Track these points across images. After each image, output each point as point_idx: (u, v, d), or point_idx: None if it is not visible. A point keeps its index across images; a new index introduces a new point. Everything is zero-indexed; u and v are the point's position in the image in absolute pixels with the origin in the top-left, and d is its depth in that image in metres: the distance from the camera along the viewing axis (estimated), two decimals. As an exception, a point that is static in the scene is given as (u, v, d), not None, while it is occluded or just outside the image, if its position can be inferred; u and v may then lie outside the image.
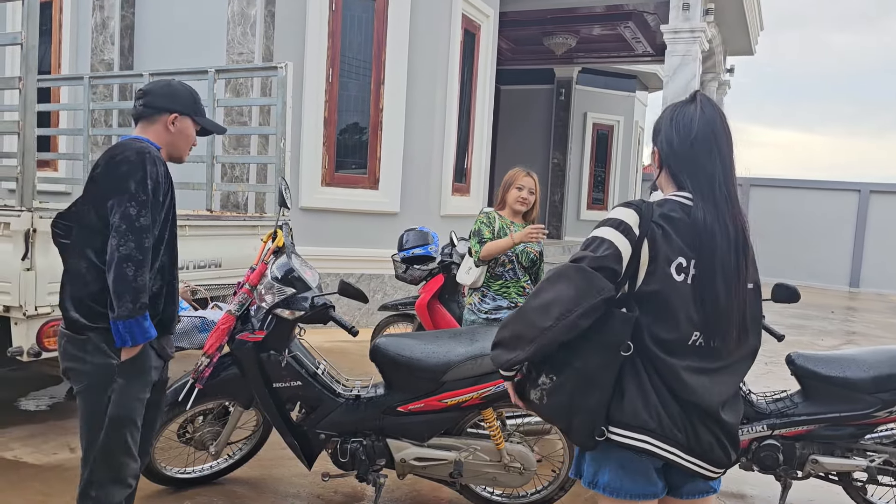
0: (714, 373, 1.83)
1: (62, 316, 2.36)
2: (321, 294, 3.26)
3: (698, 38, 9.72)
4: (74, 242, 2.37)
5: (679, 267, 1.77)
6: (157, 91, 2.51)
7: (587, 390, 1.80)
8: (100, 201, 2.30)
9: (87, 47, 8.34)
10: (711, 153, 1.84)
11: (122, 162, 2.29)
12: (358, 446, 3.25)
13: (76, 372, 2.35)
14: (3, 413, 4.66)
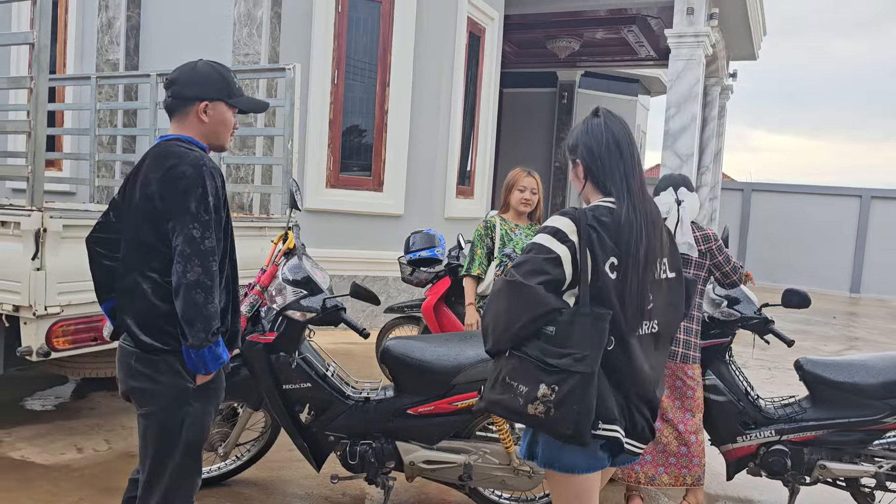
0: (652, 358, 2.06)
1: (127, 334, 2.22)
2: (333, 296, 3.26)
3: (702, 42, 9.75)
4: (129, 262, 2.22)
5: (612, 266, 1.97)
6: (182, 78, 2.28)
7: (589, 392, 1.91)
8: (158, 220, 2.15)
9: (92, 47, 8.35)
10: (622, 156, 2.11)
11: (178, 179, 2.12)
12: (367, 448, 3.26)
13: (146, 392, 2.21)
14: (10, 413, 4.65)
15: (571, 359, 1.90)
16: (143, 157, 2.25)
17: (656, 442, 3.44)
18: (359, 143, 8.00)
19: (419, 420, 3.23)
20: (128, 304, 2.21)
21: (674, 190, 3.48)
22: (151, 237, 2.17)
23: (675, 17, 9.83)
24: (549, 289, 1.96)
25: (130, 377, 2.22)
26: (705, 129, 12.96)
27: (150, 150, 2.25)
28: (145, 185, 2.17)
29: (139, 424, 2.26)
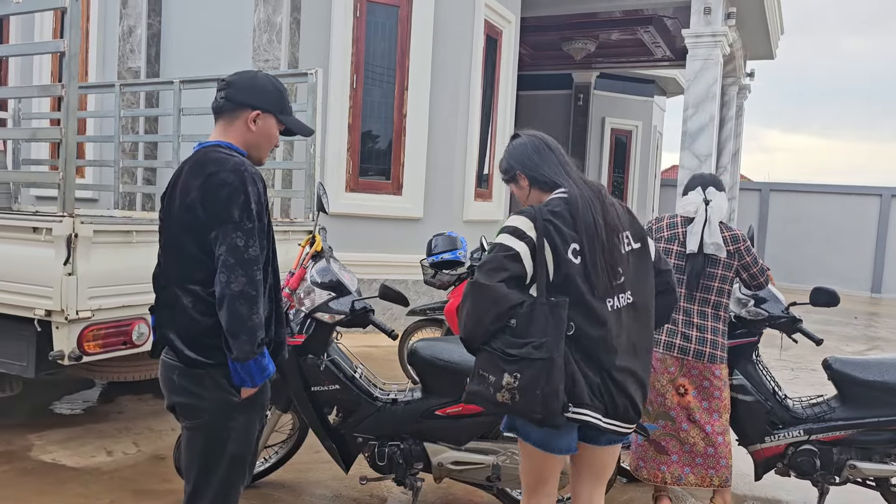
0: (633, 331, 2.18)
1: (170, 348, 2.17)
2: (361, 298, 3.29)
3: (720, 42, 9.71)
4: (169, 275, 2.17)
5: (574, 251, 2.11)
6: (240, 83, 2.25)
7: (553, 376, 2.03)
8: (201, 230, 2.08)
9: (113, 55, 8.45)
10: (552, 151, 2.32)
11: (220, 186, 2.06)
12: (395, 450, 3.28)
13: (191, 408, 2.18)
14: (40, 416, 4.72)
15: (531, 347, 2.04)
16: (182, 164, 2.21)
17: (683, 442, 3.43)
18: (378, 148, 8.04)
19: (447, 421, 3.25)
20: (168, 318, 2.17)
21: (702, 189, 3.47)
22: (193, 248, 2.11)
23: (692, 16, 9.80)
24: (511, 285, 2.09)
25: (174, 392, 2.19)
26: (723, 130, 12.89)
27: (190, 157, 2.22)
28: (185, 194, 2.12)
29: (184, 437, 2.25)
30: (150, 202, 7.97)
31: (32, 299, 3.59)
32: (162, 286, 2.20)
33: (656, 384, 3.43)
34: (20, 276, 3.65)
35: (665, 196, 17.41)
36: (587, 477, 2.38)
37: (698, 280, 3.37)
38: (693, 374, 3.39)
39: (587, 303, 2.10)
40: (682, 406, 3.42)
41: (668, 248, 3.43)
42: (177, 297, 2.14)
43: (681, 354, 3.37)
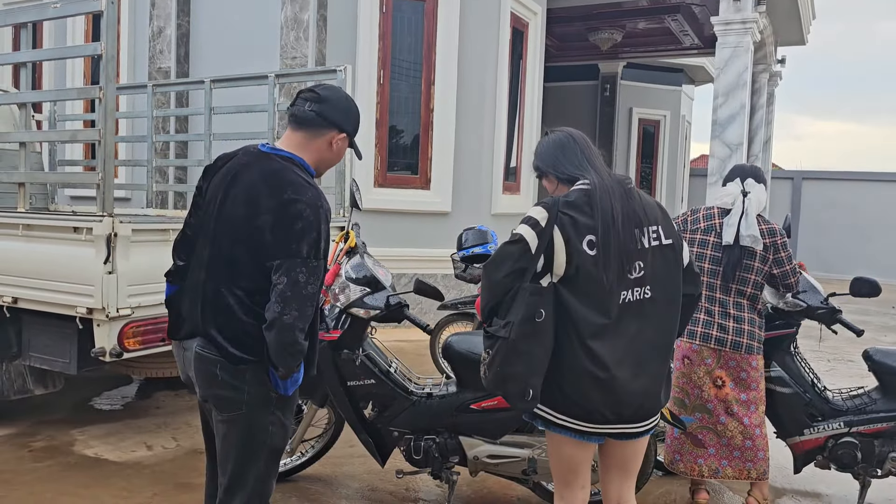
0: (650, 323, 2.19)
1: (209, 343, 2.19)
2: (396, 293, 3.30)
3: (750, 29, 9.54)
4: (215, 273, 2.19)
5: (590, 243, 2.11)
6: (335, 102, 2.26)
7: (508, 358, 2.10)
8: (262, 252, 2.10)
9: (144, 56, 8.56)
10: (577, 144, 2.31)
11: (297, 218, 2.06)
12: (431, 444, 3.29)
13: (231, 400, 2.20)
14: (82, 412, 4.82)
15: (500, 325, 2.13)
16: (241, 163, 2.22)
17: (720, 435, 3.40)
18: (405, 143, 8.06)
19: (482, 415, 3.26)
20: (210, 314, 2.19)
21: (741, 180, 3.41)
22: (249, 262, 2.13)
23: (721, 3, 9.63)
24: (515, 275, 2.12)
25: (215, 386, 2.21)
26: (754, 118, 12.69)
27: (255, 160, 2.21)
28: (252, 206, 2.12)
29: (219, 430, 2.27)
30: (181, 200, 8.07)
31: (74, 297, 3.67)
32: (203, 280, 2.21)
33: (693, 376, 3.40)
34: (62, 275, 3.73)
35: (694, 186, 17.19)
36: (614, 471, 2.38)
37: (734, 272, 3.32)
38: (730, 366, 3.35)
39: (598, 294, 2.10)
40: (720, 398, 3.37)
41: (705, 239, 3.38)
42: (222, 295, 2.16)
43: (717, 346, 3.32)
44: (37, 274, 3.84)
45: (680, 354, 3.41)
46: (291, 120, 2.26)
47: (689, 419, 3.42)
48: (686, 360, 3.41)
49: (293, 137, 2.25)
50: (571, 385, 2.13)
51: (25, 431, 4.36)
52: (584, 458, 2.29)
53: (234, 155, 2.28)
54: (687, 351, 3.40)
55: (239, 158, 2.24)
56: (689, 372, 3.41)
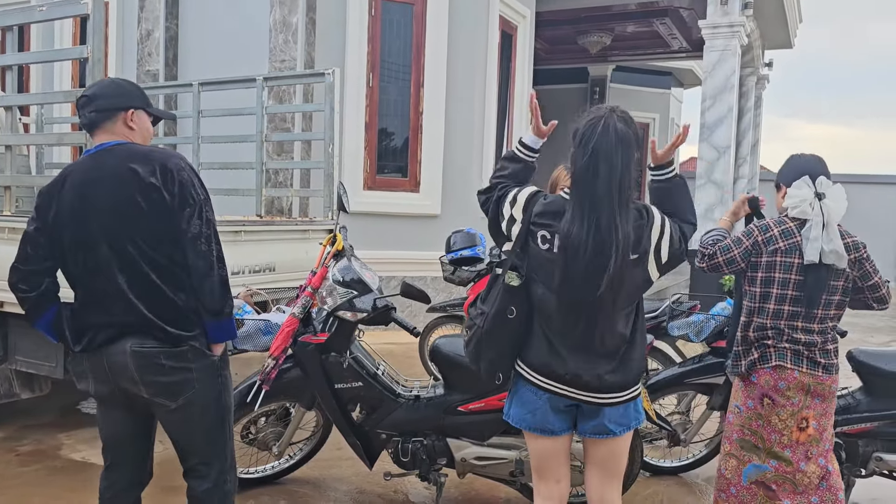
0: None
1: (147, 335, 2.28)
2: (382, 296, 3.31)
3: (737, 32, 9.62)
4: (127, 270, 2.27)
5: (543, 238, 2.24)
6: (104, 93, 2.40)
7: (482, 342, 2.33)
8: (168, 216, 2.26)
9: (132, 58, 8.53)
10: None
11: (177, 170, 2.27)
12: (419, 446, 3.30)
13: (182, 383, 2.31)
14: (69, 416, 4.81)
15: (478, 312, 2.36)
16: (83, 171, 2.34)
17: (798, 484, 2.82)
18: (394, 145, 8.07)
19: (470, 417, 3.27)
20: (145, 308, 2.29)
21: (811, 180, 2.76)
22: (160, 236, 2.38)
23: (709, 7, 9.71)
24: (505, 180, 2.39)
25: (161, 375, 2.29)
26: (741, 121, 12.77)
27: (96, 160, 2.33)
28: (130, 189, 2.33)
29: (173, 419, 2.38)
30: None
31: (60, 301, 3.65)
32: (116, 280, 2.34)
33: (773, 419, 2.79)
34: (48, 278, 3.71)
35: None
36: (595, 471, 2.42)
37: (819, 297, 2.72)
38: (816, 403, 2.78)
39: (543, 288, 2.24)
40: (801, 442, 2.79)
41: (789, 262, 2.73)
42: (144, 283, 2.33)
43: (810, 369, 2.75)
44: (23, 277, 3.82)
45: (758, 393, 2.80)
46: (86, 130, 2.40)
47: (762, 466, 2.85)
48: (766, 401, 2.79)
49: (101, 137, 2.36)
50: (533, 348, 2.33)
51: (12, 436, 4.34)
52: (556, 451, 2.37)
53: (65, 175, 2.33)
54: (769, 390, 2.78)
55: (78, 169, 2.33)
56: (769, 414, 2.79)
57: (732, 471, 2.89)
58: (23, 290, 2.36)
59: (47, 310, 2.37)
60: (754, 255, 2.79)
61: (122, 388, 2.34)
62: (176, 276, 2.29)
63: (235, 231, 4.30)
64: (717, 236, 2.94)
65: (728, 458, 2.93)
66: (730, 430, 2.93)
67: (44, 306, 2.37)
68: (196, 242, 2.27)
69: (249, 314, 3.45)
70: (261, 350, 3.43)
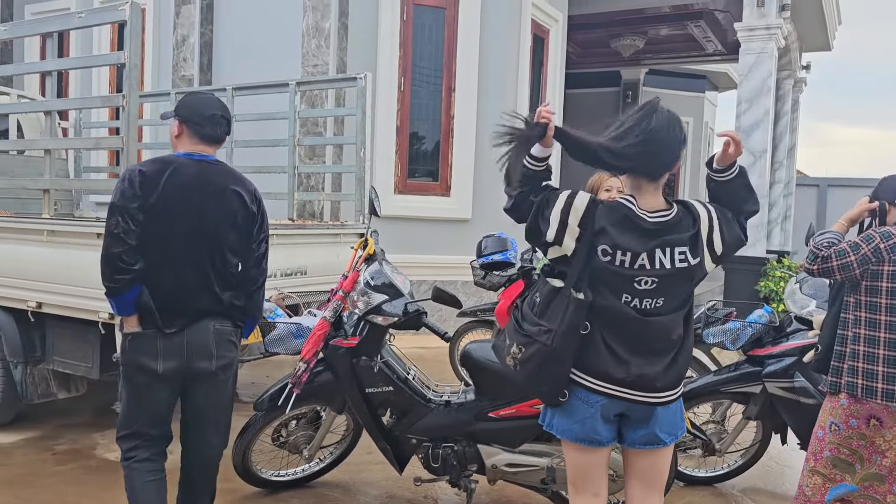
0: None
1: (225, 318, 2.74)
2: (414, 300, 3.30)
3: (774, 34, 9.47)
4: (213, 262, 2.69)
5: (604, 251, 2.16)
6: (230, 121, 2.83)
7: (548, 361, 2.16)
8: (249, 235, 2.79)
9: (168, 64, 8.66)
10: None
11: (260, 201, 2.84)
12: (449, 451, 3.28)
13: (235, 359, 2.82)
14: (104, 416, 4.87)
15: (539, 329, 2.17)
16: (191, 172, 2.68)
17: None
18: (426, 149, 8.08)
19: (501, 423, 3.24)
20: (225, 293, 2.75)
21: None
22: (239, 245, 2.80)
23: (745, 9, 9.58)
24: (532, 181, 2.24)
25: (230, 351, 2.76)
26: (778, 124, 12.55)
27: (200, 167, 2.71)
28: (231, 201, 2.79)
29: (216, 391, 2.78)
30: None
31: (97, 303, 3.70)
32: (202, 269, 2.73)
33: (878, 440, 2.65)
34: (86, 280, 3.77)
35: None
36: (637, 484, 2.36)
37: None
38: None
39: (609, 299, 2.16)
40: None
41: None
42: (225, 276, 2.76)
43: None
44: (61, 279, 3.90)
45: (865, 414, 2.65)
46: (209, 141, 2.73)
47: (852, 487, 2.72)
48: (873, 422, 2.64)
49: (207, 149, 2.74)
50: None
51: (49, 434, 4.41)
52: (598, 463, 2.29)
53: (169, 166, 2.61)
54: (877, 411, 2.63)
55: (184, 168, 2.63)
56: (874, 435, 2.65)
57: (815, 489, 2.76)
58: (126, 261, 2.53)
59: (137, 286, 2.58)
60: (874, 264, 2.62)
61: (192, 365, 2.67)
62: (240, 279, 2.78)
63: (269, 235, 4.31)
64: (833, 239, 2.80)
65: (812, 475, 2.78)
66: (819, 447, 2.76)
67: (136, 282, 2.57)
68: (260, 260, 2.84)
69: (281, 317, 3.47)
70: (292, 353, 3.44)
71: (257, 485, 3.66)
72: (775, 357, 3.59)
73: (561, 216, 2.16)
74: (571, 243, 2.16)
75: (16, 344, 4.15)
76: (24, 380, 4.17)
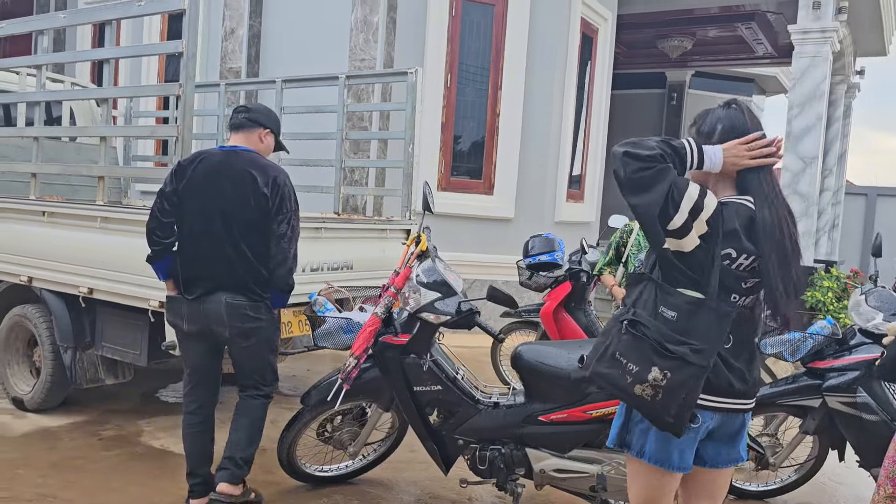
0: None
1: (238, 293, 3.11)
2: (467, 299, 3.25)
3: (829, 38, 9.21)
4: (231, 242, 3.11)
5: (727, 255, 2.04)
6: (257, 109, 3.34)
7: (699, 385, 1.94)
8: (268, 216, 3.12)
9: (216, 55, 8.72)
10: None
11: (282, 185, 3.14)
12: (496, 454, 3.22)
13: (256, 328, 3.17)
14: (149, 403, 4.92)
15: (689, 348, 1.92)
16: (217, 160, 3.19)
17: None
18: (470, 147, 8.02)
19: (551, 427, 3.17)
20: (241, 271, 3.15)
21: None
22: (258, 227, 3.18)
23: (800, 11, 9.32)
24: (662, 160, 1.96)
25: (246, 322, 3.13)
26: (829, 131, 12.22)
27: (227, 156, 3.19)
28: (251, 186, 3.18)
29: (244, 352, 3.22)
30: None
31: (147, 291, 3.72)
32: (222, 248, 3.14)
33: None
34: (136, 268, 3.77)
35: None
36: (701, 501, 2.25)
37: None
38: None
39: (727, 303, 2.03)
40: None
41: None
42: (244, 255, 3.17)
43: None
44: (112, 266, 3.92)
45: None
46: (231, 128, 3.26)
47: None
48: None
49: (236, 138, 3.26)
50: None
51: (96, 420, 4.46)
52: (669, 487, 2.16)
53: (200, 156, 3.16)
54: None
55: (211, 157, 3.15)
56: None
57: None
58: (159, 235, 3.15)
59: (169, 255, 3.18)
60: None
61: (211, 328, 3.14)
62: (262, 255, 3.14)
63: (316, 228, 4.30)
64: None
65: (889, 500, 2.55)
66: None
67: (168, 252, 3.18)
68: (280, 240, 3.15)
69: (331, 311, 3.44)
70: (340, 348, 3.42)
71: (300, 479, 3.65)
72: (837, 370, 3.46)
73: (694, 205, 1.94)
74: (695, 240, 1.97)
75: (66, 329, 4.19)
76: (73, 364, 4.21)
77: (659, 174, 1.93)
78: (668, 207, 1.93)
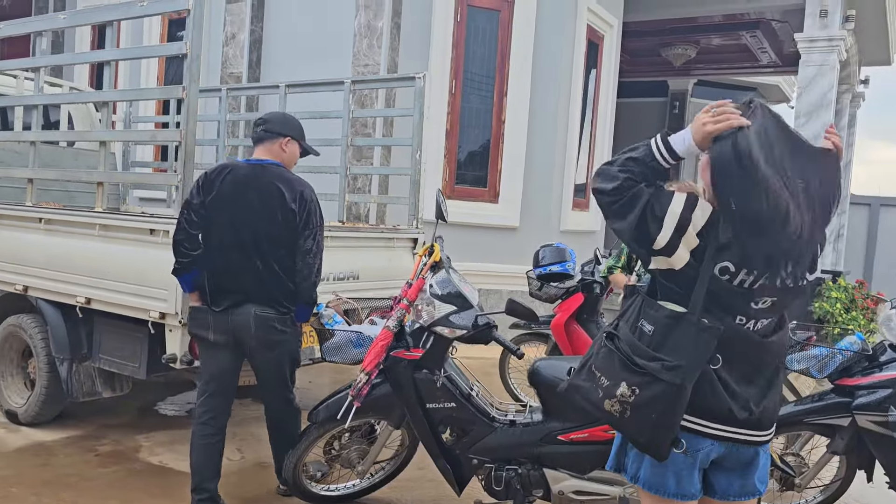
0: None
1: (267, 305, 3.13)
2: (483, 313, 3.11)
3: (836, 47, 9.12)
4: (259, 255, 3.12)
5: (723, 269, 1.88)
6: (274, 119, 3.30)
7: (675, 404, 1.81)
8: (292, 231, 3.16)
9: (217, 60, 8.58)
10: None
11: (309, 201, 3.18)
12: (513, 474, 3.08)
13: (281, 340, 3.18)
14: (147, 417, 4.76)
15: (661, 364, 1.81)
16: (244, 173, 3.19)
17: None
18: (475, 154, 7.89)
19: (570, 447, 3.03)
20: (269, 283, 3.18)
21: None
22: (284, 241, 3.21)
23: (806, 20, 9.23)
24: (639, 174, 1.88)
25: (272, 334, 3.14)
26: (833, 140, 12.14)
27: (253, 169, 3.20)
28: (277, 200, 3.20)
29: (269, 363, 3.24)
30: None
31: (147, 301, 3.59)
32: (250, 261, 3.18)
33: None
34: (136, 277, 3.66)
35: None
36: None
37: None
38: None
39: (725, 322, 1.87)
40: None
41: None
42: (271, 268, 3.20)
43: None
44: (111, 275, 3.79)
45: None
46: (253, 142, 3.27)
47: None
48: None
49: (259, 152, 3.26)
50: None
51: (92, 434, 4.30)
52: None
53: (227, 169, 3.16)
54: None
55: (238, 170, 3.16)
56: None
57: None
58: (187, 247, 3.10)
59: (195, 269, 3.14)
60: None
61: (237, 337, 3.14)
62: (289, 269, 3.17)
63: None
64: None
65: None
66: None
67: (194, 265, 3.13)
68: (306, 255, 3.18)
69: (340, 324, 3.30)
70: (350, 363, 3.28)
71: (305, 498, 3.49)
72: (866, 388, 3.32)
73: (679, 221, 1.83)
74: (685, 255, 1.84)
75: (63, 340, 4.04)
76: (69, 377, 4.05)
77: (630, 201, 1.86)
78: (647, 228, 1.85)
